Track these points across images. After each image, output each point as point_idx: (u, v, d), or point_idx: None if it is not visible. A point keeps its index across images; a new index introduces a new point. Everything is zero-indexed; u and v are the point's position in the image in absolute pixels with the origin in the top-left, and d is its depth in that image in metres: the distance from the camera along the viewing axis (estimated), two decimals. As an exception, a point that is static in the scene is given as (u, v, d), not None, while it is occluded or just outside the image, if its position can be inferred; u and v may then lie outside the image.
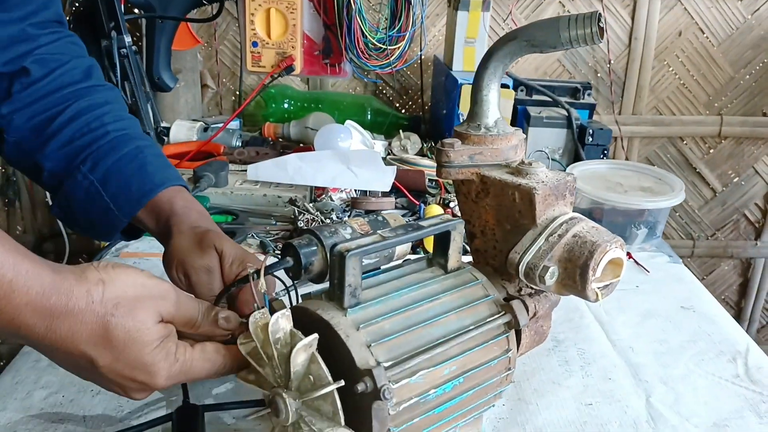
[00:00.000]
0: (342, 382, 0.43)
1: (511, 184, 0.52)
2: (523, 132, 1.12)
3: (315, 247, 0.51)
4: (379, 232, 0.50)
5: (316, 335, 0.43)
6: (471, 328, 0.50)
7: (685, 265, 1.55)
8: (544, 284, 0.51)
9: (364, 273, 0.52)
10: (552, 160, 1.09)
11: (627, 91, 1.43)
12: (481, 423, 0.57)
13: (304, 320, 0.46)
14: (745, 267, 1.61)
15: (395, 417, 0.45)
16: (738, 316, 1.65)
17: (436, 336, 0.48)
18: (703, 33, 1.40)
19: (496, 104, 0.56)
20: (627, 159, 1.46)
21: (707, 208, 1.55)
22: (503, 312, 0.52)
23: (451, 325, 0.50)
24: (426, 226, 0.52)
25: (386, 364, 0.44)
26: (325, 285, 0.50)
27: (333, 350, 0.44)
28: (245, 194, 0.98)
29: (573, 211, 0.54)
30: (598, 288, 0.51)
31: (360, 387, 0.42)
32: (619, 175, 0.97)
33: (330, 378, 0.43)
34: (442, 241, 0.54)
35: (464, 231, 0.55)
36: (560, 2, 1.37)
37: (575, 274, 0.50)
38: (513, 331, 0.53)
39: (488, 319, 0.51)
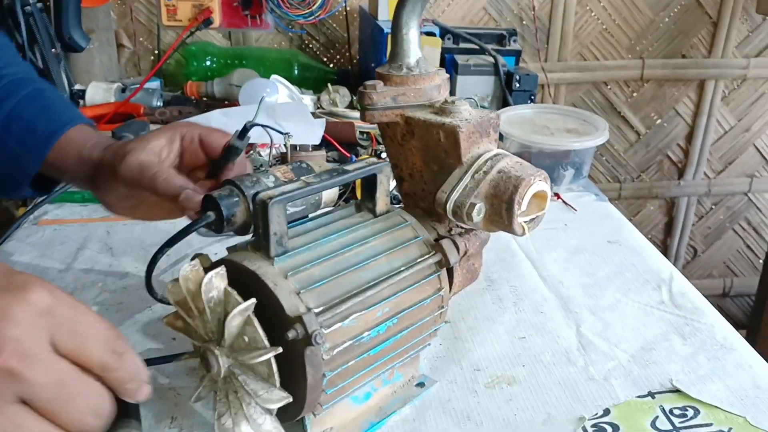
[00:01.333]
0: (280, 349, 0.42)
1: (436, 124, 0.51)
2: (452, 80, 1.12)
3: (236, 198, 0.50)
4: (302, 178, 0.49)
5: (253, 300, 0.42)
6: (402, 269, 0.50)
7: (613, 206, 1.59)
8: (472, 221, 0.51)
9: (291, 221, 0.51)
10: (481, 107, 1.10)
11: (552, 38, 1.45)
12: (419, 362, 0.58)
13: (231, 272, 0.44)
14: (669, 206, 1.67)
15: (329, 362, 0.45)
16: (664, 254, 1.71)
17: (366, 279, 0.48)
18: (623, -23, 1.42)
19: (417, 43, 0.55)
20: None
21: (632, 150, 1.59)
22: (433, 252, 0.52)
23: (382, 268, 0.49)
24: (351, 170, 0.51)
25: (317, 310, 0.44)
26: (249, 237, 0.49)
27: (262, 300, 0.43)
28: (169, 154, 0.94)
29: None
30: (525, 222, 0.51)
31: (291, 334, 0.41)
32: (545, 119, 0.98)
33: (266, 342, 0.42)
34: (369, 184, 0.53)
35: (391, 174, 0.55)
36: (483, -51, 1.36)
37: (501, 209, 0.51)
38: (444, 270, 0.53)
39: (419, 260, 0.51)
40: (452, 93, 1.13)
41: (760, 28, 1.49)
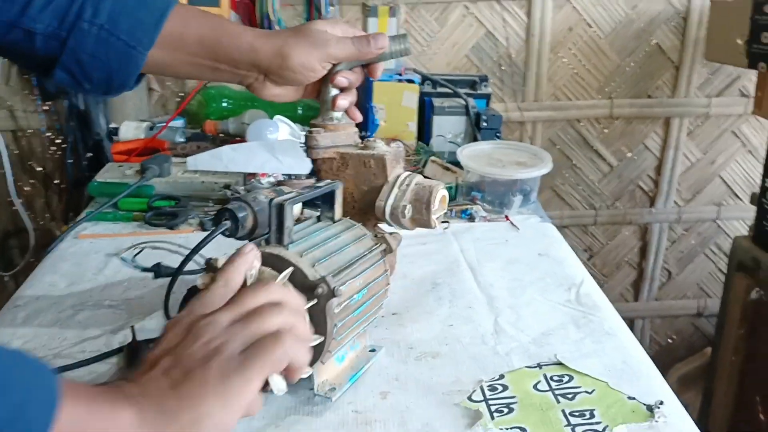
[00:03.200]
0: (315, 300, 0.58)
1: (367, 155, 0.70)
2: (429, 120, 1.31)
3: (246, 210, 0.68)
4: (293, 190, 0.68)
5: (291, 268, 0.59)
6: (365, 254, 0.67)
7: (590, 232, 1.76)
8: (404, 218, 0.70)
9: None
10: (450, 142, 1.28)
11: (528, 81, 1.63)
12: (367, 338, 0.75)
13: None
14: (643, 231, 1.82)
15: (337, 315, 0.61)
16: (640, 276, 1.87)
17: (347, 259, 0.65)
18: (591, 27, 1.60)
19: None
20: (531, 142, 1.65)
21: (606, 180, 1.76)
22: (380, 243, 0.70)
23: (354, 252, 0.67)
24: (321, 186, 0.70)
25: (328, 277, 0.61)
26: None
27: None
28: (186, 182, 1.14)
29: (444, 181, 0.73)
30: (436, 217, 0.70)
31: (320, 290, 0.58)
32: (500, 153, 1.16)
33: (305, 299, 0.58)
34: (329, 197, 0.71)
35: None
36: (465, 5, 1.55)
37: (422, 209, 0.69)
38: (387, 256, 0.70)
39: (372, 248, 0.69)
40: (429, 131, 1.31)
41: (719, 72, 1.65)
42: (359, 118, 0.77)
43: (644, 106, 1.67)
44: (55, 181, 1.62)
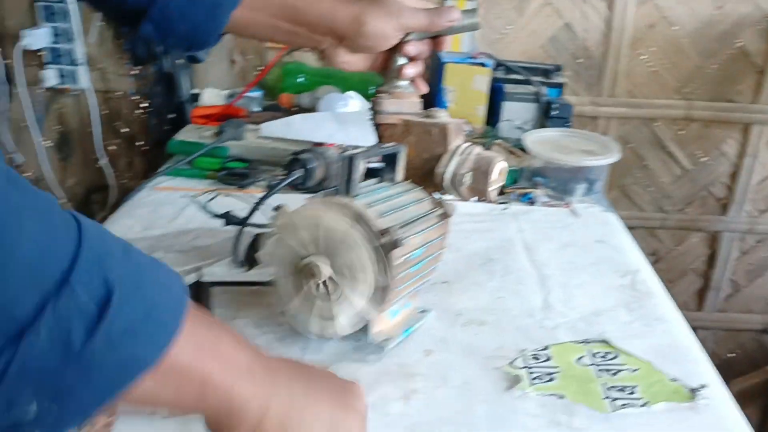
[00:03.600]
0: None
1: (431, 123, 0.72)
2: (498, 105, 1.31)
3: (316, 161, 0.72)
4: (360, 149, 0.71)
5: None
6: (425, 214, 0.70)
7: (657, 236, 1.73)
8: (462, 186, 0.72)
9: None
10: (517, 128, 1.28)
11: (604, 76, 1.61)
12: (418, 300, 0.77)
13: None
14: (712, 240, 1.77)
15: (398, 266, 0.63)
16: (706, 286, 1.82)
17: (409, 217, 0.68)
18: (673, 26, 1.57)
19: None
20: (603, 137, 1.63)
21: (678, 184, 1.72)
22: (438, 207, 0.72)
23: (414, 212, 0.69)
24: (386, 147, 0.73)
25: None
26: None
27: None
28: (258, 147, 1.19)
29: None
30: (493, 189, 0.72)
31: (384, 239, 0.61)
32: (567, 140, 1.16)
33: (371, 254, 0.61)
34: (393, 159, 0.74)
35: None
36: (545, -5, 1.55)
37: (481, 178, 0.71)
38: (446, 220, 0.72)
39: (431, 210, 0.71)
40: (497, 116, 1.32)
41: (807, 79, 1.59)
42: (424, 89, 0.80)
43: (723, 111, 1.63)
44: (138, 143, 1.71)
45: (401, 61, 0.77)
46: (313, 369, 0.50)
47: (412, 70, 0.77)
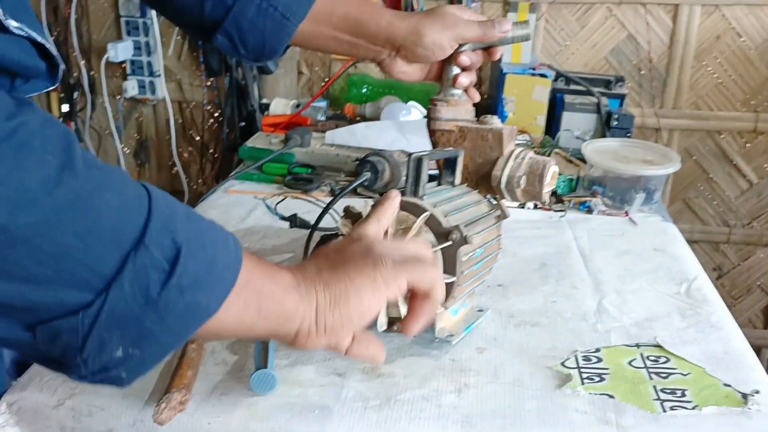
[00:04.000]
0: (450, 242, 0.65)
1: (485, 129, 0.75)
2: (558, 115, 1.33)
3: (384, 164, 0.76)
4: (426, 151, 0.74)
5: (428, 212, 0.65)
6: (484, 215, 0.73)
7: (722, 250, 1.70)
8: (518, 188, 0.75)
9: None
10: (576, 138, 1.29)
11: (668, 87, 1.60)
12: (475, 299, 0.80)
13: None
14: (780, 256, 1.73)
15: (464, 263, 0.67)
16: (773, 302, 1.77)
17: (470, 218, 0.71)
18: (741, 37, 1.55)
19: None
20: (666, 149, 1.62)
21: (744, 198, 1.68)
22: (495, 209, 0.75)
23: (474, 213, 0.73)
24: (447, 150, 0.76)
25: (459, 228, 0.67)
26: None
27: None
28: (322, 153, 1.24)
29: (566, 174, 0.77)
30: (546, 191, 0.74)
31: (454, 236, 0.64)
32: (627, 150, 1.16)
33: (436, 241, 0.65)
34: (452, 163, 0.77)
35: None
36: (608, 7, 1.56)
37: (535, 181, 0.74)
38: (502, 222, 0.75)
39: (489, 212, 0.74)
40: (557, 126, 1.34)
41: None
42: (477, 97, 0.83)
43: (793, 123, 1.59)
44: (210, 151, 1.80)
45: (455, 70, 0.80)
46: (336, 257, 0.54)
47: (466, 79, 0.80)
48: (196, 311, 0.42)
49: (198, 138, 1.79)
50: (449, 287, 0.67)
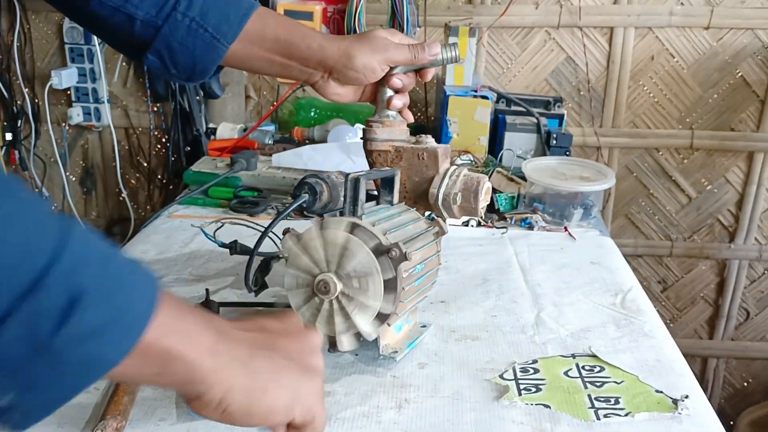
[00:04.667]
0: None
1: (421, 148, 0.77)
2: (501, 136, 1.36)
3: (322, 185, 0.77)
4: (362, 171, 0.75)
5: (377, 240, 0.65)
6: (422, 232, 0.74)
7: (665, 264, 1.75)
8: (455, 204, 0.76)
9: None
10: (518, 157, 1.32)
11: (606, 107, 1.65)
12: (418, 316, 0.81)
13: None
14: (720, 267, 1.78)
15: (405, 279, 0.67)
16: (716, 314, 1.82)
17: (408, 235, 0.72)
18: (674, 57, 1.61)
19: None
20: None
21: (684, 212, 1.74)
22: (434, 225, 0.76)
23: (413, 230, 0.73)
24: (384, 170, 0.77)
25: (398, 245, 0.68)
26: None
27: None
28: (269, 176, 1.24)
29: (507, 191, 0.79)
30: (481, 207, 0.76)
31: (393, 253, 0.65)
32: (565, 167, 1.20)
33: (377, 266, 0.66)
34: (390, 182, 0.78)
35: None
36: (547, 31, 1.61)
37: (470, 197, 0.76)
38: (441, 238, 0.77)
39: (427, 229, 0.75)
40: (500, 146, 1.37)
41: (809, 107, 1.62)
42: (411, 118, 0.85)
43: (726, 139, 1.66)
44: (158, 176, 1.78)
45: (389, 93, 0.82)
46: (275, 336, 0.52)
47: (399, 101, 0.82)
48: (93, 363, 0.40)
49: (145, 164, 1.77)
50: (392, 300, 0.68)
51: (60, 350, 0.38)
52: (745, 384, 1.88)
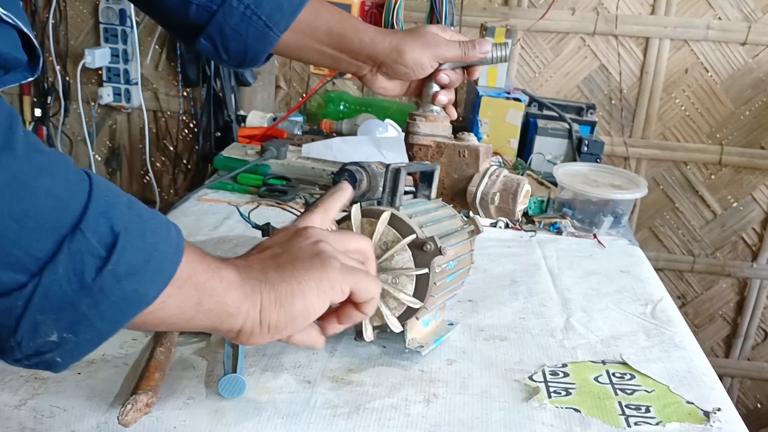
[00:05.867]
0: (426, 270, 0.66)
1: (462, 145, 0.77)
2: (531, 139, 1.36)
3: (362, 173, 0.77)
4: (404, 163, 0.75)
5: (414, 234, 0.65)
6: (457, 229, 0.74)
7: (685, 279, 1.73)
8: (492, 204, 0.76)
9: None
10: (548, 161, 1.32)
11: (637, 117, 1.64)
12: (445, 312, 0.81)
13: (374, 216, 0.67)
14: (741, 286, 1.77)
15: (437, 275, 0.67)
16: (734, 333, 1.81)
17: (444, 230, 0.71)
18: (708, 71, 1.60)
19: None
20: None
21: (708, 228, 1.73)
22: (469, 224, 0.76)
23: (449, 227, 0.73)
24: (424, 164, 0.77)
25: (433, 239, 0.67)
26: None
27: (397, 232, 0.67)
28: (298, 166, 1.25)
29: (537, 195, 0.79)
30: (519, 209, 0.75)
31: (427, 247, 0.65)
32: (596, 174, 1.19)
33: (413, 263, 0.66)
34: (429, 177, 0.78)
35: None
36: (581, 37, 1.60)
37: (509, 199, 0.75)
38: (475, 237, 0.76)
39: (463, 226, 0.75)
40: (530, 150, 1.36)
41: (842, 130, 1.60)
42: (454, 115, 0.85)
43: (756, 157, 1.64)
44: (183, 161, 1.79)
45: (435, 88, 0.82)
46: (274, 248, 0.55)
47: (445, 96, 0.82)
48: (132, 300, 0.42)
49: (172, 148, 1.78)
50: (421, 292, 0.67)
51: (103, 288, 0.41)
52: (759, 405, 1.86)
